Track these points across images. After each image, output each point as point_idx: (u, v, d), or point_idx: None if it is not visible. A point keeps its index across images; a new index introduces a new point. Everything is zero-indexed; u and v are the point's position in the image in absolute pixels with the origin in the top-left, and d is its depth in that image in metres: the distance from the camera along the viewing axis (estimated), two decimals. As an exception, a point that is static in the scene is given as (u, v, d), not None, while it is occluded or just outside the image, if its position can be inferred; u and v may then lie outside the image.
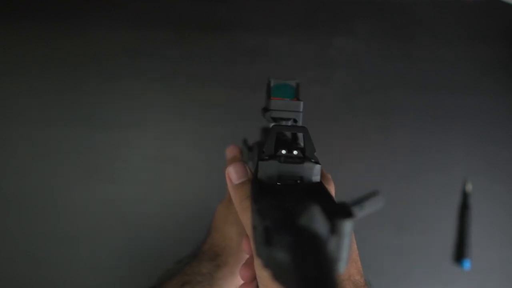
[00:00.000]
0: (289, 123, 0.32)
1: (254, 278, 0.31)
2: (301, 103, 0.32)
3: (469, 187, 0.75)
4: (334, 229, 0.18)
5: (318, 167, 0.25)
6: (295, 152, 0.26)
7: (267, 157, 0.25)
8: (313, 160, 0.25)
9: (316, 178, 0.25)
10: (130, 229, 0.74)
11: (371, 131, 0.77)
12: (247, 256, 0.36)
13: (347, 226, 0.19)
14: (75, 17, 0.79)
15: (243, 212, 0.27)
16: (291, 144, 0.28)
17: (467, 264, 0.72)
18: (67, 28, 0.79)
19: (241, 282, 0.33)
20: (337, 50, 0.80)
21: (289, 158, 0.25)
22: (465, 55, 0.80)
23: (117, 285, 0.73)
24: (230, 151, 0.44)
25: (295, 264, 0.15)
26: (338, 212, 0.19)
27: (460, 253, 0.73)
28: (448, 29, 0.81)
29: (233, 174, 0.29)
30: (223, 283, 0.36)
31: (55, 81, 0.77)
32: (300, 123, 0.33)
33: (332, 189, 0.33)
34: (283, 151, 0.26)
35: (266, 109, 0.33)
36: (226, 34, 0.79)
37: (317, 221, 0.18)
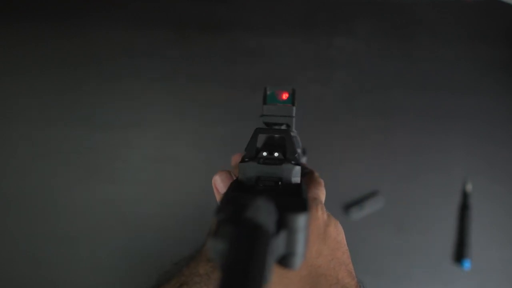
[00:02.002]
0: (282, 127, 0.33)
1: None
2: (293, 108, 0.32)
3: (469, 187, 0.75)
4: (283, 223, 0.18)
5: (297, 168, 0.25)
6: (275, 154, 0.26)
7: (247, 159, 0.25)
8: (293, 162, 0.25)
9: (296, 179, 0.25)
10: (130, 229, 0.74)
11: (371, 131, 0.77)
12: None
13: (300, 220, 0.18)
14: (75, 17, 0.79)
15: None
16: (276, 146, 0.28)
17: (467, 264, 0.72)
18: (67, 28, 0.79)
19: None
20: (337, 50, 0.80)
21: (268, 160, 0.25)
22: (465, 55, 0.80)
23: (117, 285, 0.73)
24: (235, 159, 0.44)
25: (233, 256, 0.15)
26: (291, 206, 0.19)
27: (460, 253, 0.73)
28: (448, 29, 0.81)
29: (219, 183, 0.29)
30: None
31: (55, 81, 0.77)
32: (293, 128, 0.33)
33: (321, 194, 0.33)
34: (264, 153, 0.26)
35: (261, 115, 0.33)
36: (226, 34, 0.79)
37: (264, 213, 0.17)
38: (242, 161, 0.25)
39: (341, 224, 0.32)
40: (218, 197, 0.30)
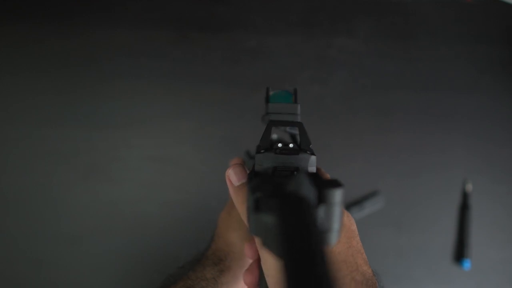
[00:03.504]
0: (287, 126, 0.33)
1: (257, 283, 0.32)
2: (298, 106, 0.33)
3: (469, 187, 0.75)
4: (322, 198, 0.18)
5: (313, 158, 0.25)
6: (290, 145, 0.26)
7: (263, 150, 0.25)
8: (308, 152, 0.26)
9: (312, 169, 0.26)
10: (129, 229, 0.74)
11: (371, 131, 0.77)
12: (250, 261, 0.36)
13: (337, 195, 0.19)
14: (75, 17, 0.79)
15: (244, 213, 0.27)
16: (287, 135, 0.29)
17: (466, 264, 0.72)
18: (68, 28, 0.79)
19: (245, 287, 0.33)
20: (337, 50, 0.80)
21: (284, 150, 0.25)
22: (465, 55, 0.80)
23: (117, 285, 0.73)
24: (233, 163, 0.45)
25: (280, 227, 0.15)
26: (327, 183, 0.19)
27: (460, 253, 0.73)
28: (448, 29, 0.81)
29: (233, 176, 0.29)
30: None
31: (55, 81, 0.77)
32: None
33: None
34: (279, 144, 0.26)
35: (265, 114, 0.33)
36: (226, 34, 0.79)
37: (305, 187, 0.18)
38: (258, 152, 0.25)
39: None
40: (232, 190, 0.29)
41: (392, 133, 0.77)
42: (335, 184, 0.19)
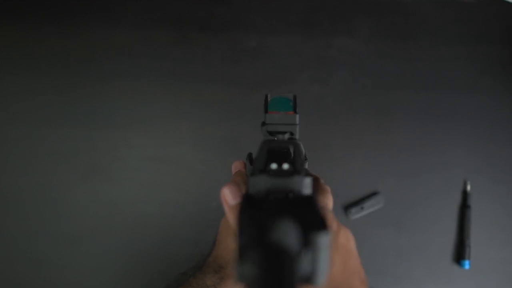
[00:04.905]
0: (286, 136, 0.33)
1: None
2: (297, 116, 0.33)
3: (469, 187, 0.75)
4: (307, 242, 0.18)
5: (307, 180, 0.25)
6: (285, 166, 0.26)
7: (257, 172, 0.25)
8: (302, 174, 0.25)
9: (307, 191, 0.25)
10: (130, 229, 0.74)
11: (371, 131, 0.77)
12: None
13: (322, 238, 0.18)
14: (75, 17, 0.79)
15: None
16: (284, 156, 0.28)
17: (466, 264, 0.72)
18: (68, 28, 0.79)
19: None
20: (337, 50, 0.80)
21: (278, 172, 0.25)
22: (465, 55, 0.80)
23: (117, 285, 0.73)
24: (235, 166, 0.44)
25: (262, 280, 0.16)
26: (313, 224, 0.19)
27: (460, 253, 0.73)
28: (448, 29, 0.81)
29: (228, 196, 0.29)
30: None
31: (55, 81, 0.77)
32: (297, 136, 0.33)
33: (329, 202, 0.33)
34: (273, 165, 0.26)
35: (263, 124, 0.33)
36: (226, 34, 0.79)
37: (288, 235, 0.18)
38: (252, 174, 0.25)
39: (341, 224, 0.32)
40: (227, 209, 0.30)
41: (392, 133, 0.77)
42: (320, 225, 0.19)
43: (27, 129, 0.76)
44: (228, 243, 0.39)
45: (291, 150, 0.28)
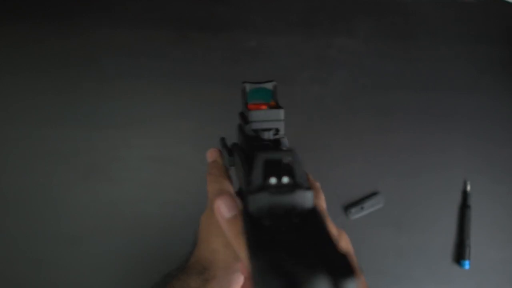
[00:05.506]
0: (271, 133, 0.31)
1: None
2: (281, 111, 0.31)
3: (469, 187, 0.75)
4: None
5: (310, 194, 0.24)
6: (284, 180, 0.24)
7: (255, 190, 0.24)
8: (304, 186, 0.24)
9: (309, 204, 0.24)
10: (130, 229, 0.74)
11: (371, 131, 0.77)
12: (237, 269, 0.35)
13: (351, 286, 0.18)
14: (75, 17, 0.79)
15: (240, 248, 0.26)
16: (280, 167, 0.27)
17: (466, 264, 0.72)
18: (68, 28, 0.79)
19: None
20: (337, 50, 0.80)
21: (279, 188, 0.24)
22: (465, 55, 0.80)
23: (117, 285, 0.73)
24: (211, 155, 0.43)
25: None
26: (341, 271, 0.18)
27: (460, 253, 0.73)
28: (448, 29, 0.81)
29: (223, 208, 0.28)
30: None
31: (55, 81, 0.77)
32: (282, 132, 0.32)
33: (322, 202, 0.32)
34: (273, 180, 0.24)
35: (245, 120, 0.32)
36: (226, 34, 0.79)
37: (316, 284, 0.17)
38: (251, 192, 0.24)
39: (341, 224, 0.32)
40: (223, 223, 0.28)
41: (392, 133, 0.77)
42: (348, 272, 0.18)
43: (27, 129, 0.76)
44: (210, 242, 0.37)
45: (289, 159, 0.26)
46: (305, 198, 0.24)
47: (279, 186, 0.24)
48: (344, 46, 0.80)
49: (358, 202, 0.73)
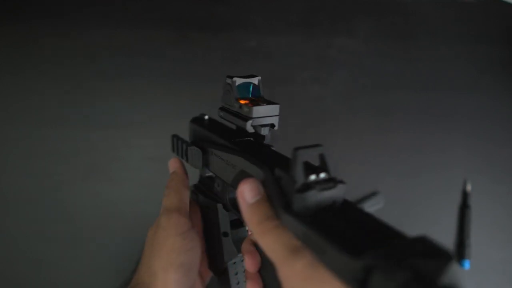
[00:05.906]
0: (267, 129, 0.32)
1: None
2: (278, 106, 0.32)
3: (469, 187, 0.75)
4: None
5: (345, 186, 0.25)
6: (321, 175, 0.25)
7: (302, 189, 0.24)
8: (339, 179, 0.25)
9: (344, 195, 0.25)
10: (130, 229, 0.74)
11: (371, 131, 0.77)
12: None
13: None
14: (75, 17, 0.79)
15: (262, 235, 0.25)
16: (315, 167, 0.27)
17: (466, 264, 0.72)
18: (67, 28, 0.79)
19: None
20: (337, 50, 0.80)
21: (323, 184, 0.24)
22: (465, 55, 0.80)
23: (116, 285, 0.73)
24: (171, 165, 0.42)
25: None
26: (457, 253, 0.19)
27: (459, 253, 0.73)
28: (448, 29, 0.81)
29: (248, 193, 0.26)
30: None
31: (55, 81, 0.77)
32: (277, 126, 0.33)
33: None
34: (313, 177, 0.25)
35: (244, 118, 0.32)
36: (226, 34, 0.79)
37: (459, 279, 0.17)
38: (299, 191, 0.24)
39: None
40: (245, 208, 0.26)
41: (392, 133, 0.77)
42: (447, 254, 0.19)
43: (27, 129, 0.76)
44: (150, 263, 0.35)
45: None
46: (343, 191, 0.25)
47: (321, 182, 0.25)
48: (344, 46, 0.80)
49: (358, 202, 0.73)
